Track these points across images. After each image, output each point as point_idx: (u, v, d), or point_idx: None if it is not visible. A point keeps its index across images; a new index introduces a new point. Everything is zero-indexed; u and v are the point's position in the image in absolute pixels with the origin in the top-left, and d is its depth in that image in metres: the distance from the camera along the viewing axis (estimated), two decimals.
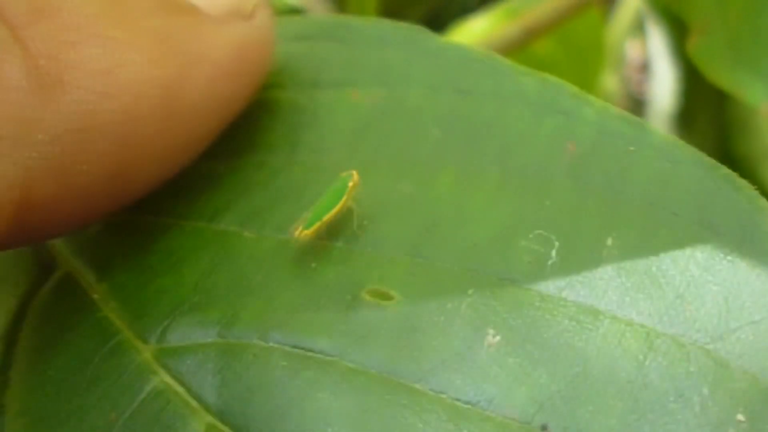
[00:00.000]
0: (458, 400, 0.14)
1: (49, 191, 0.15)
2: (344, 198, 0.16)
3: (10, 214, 0.14)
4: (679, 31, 0.43)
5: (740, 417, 0.13)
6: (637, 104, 0.55)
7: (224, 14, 0.17)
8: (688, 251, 0.15)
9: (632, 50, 0.57)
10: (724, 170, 0.15)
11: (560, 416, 0.14)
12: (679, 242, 0.15)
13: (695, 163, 0.15)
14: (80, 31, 0.15)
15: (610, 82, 0.47)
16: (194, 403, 0.15)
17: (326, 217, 0.16)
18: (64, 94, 0.14)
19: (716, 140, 0.50)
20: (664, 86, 0.49)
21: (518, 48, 0.37)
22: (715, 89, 0.29)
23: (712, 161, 0.15)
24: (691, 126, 0.50)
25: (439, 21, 0.45)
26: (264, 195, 0.18)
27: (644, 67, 0.55)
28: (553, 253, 0.15)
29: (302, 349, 0.15)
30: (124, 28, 0.15)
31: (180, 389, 0.15)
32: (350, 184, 0.17)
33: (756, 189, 0.15)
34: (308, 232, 0.16)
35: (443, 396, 0.14)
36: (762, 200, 0.14)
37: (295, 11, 0.40)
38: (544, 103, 0.17)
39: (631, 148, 0.16)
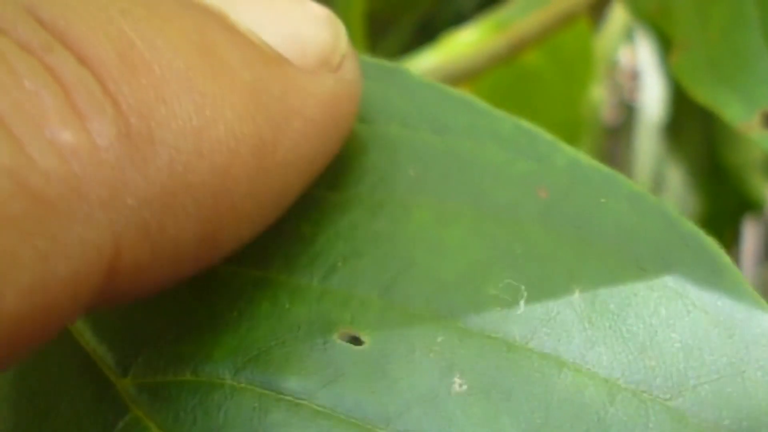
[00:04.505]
0: None
1: (137, 256, 0.14)
2: None
3: (99, 280, 0.13)
4: (666, 42, 0.44)
5: None
6: (630, 112, 0.55)
7: (314, 66, 0.16)
8: (652, 306, 0.15)
9: (625, 57, 0.57)
10: (689, 225, 0.15)
11: None
12: (644, 297, 0.15)
13: (662, 217, 0.15)
14: (172, 87, 0.14)
15: (600, 91, 0.48)
16: None
17: None
18: (155, 155, 0.13)
19: (705, 149, 0.50)
20: (653, 95, 0.49)
21: (507, 60, 0.37)
22: None
23: (678, 215, 0.15)
24: (679, 135, 0.50)
25: (432, 27, 0.45)
26: None
27: (637, 75, 0.55)
28: (522, 302, 0.15)
29: (272, 389, 0.15)
30: (215, 82, 0.14)
31: (151, 424, 0.16)
32: None
33: (741, 199, 0.15)
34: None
35: None
36: (725, 257, 0.15)
37: None
38: (517, 147, 0.17)
39: (602, 200, 0.16)
